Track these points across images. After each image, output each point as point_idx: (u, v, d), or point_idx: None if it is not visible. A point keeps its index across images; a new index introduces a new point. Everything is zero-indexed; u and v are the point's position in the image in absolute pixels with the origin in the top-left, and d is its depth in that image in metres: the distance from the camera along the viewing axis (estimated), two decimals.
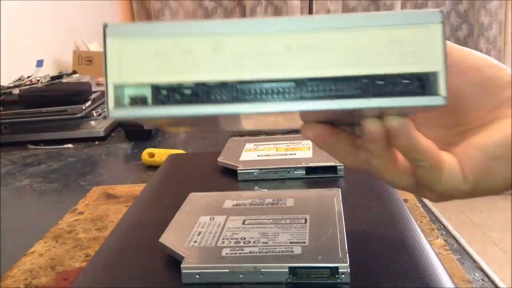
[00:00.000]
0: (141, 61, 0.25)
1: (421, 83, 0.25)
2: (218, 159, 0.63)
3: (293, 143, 0.67)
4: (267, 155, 0.63)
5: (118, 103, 0.25)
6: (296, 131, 0.90)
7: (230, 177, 0.60)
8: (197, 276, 0.37)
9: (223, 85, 0.25)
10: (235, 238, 0.40)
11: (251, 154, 0.64)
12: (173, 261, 0.39)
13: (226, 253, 0.38)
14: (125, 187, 0.71)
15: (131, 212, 0.53)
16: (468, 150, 0.30)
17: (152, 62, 0.25)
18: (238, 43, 0.25)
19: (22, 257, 0.51)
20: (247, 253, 0.38)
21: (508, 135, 0.29)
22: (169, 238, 0.41)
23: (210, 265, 0.37)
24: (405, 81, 0.24)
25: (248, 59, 0.25)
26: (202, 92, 0.25)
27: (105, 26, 0.25)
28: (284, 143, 0.67)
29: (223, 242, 0.40)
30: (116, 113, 0.25)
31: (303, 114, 0.29)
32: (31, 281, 0.46)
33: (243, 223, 0.43)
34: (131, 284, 0.38)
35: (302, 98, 0.25)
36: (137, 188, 0.68)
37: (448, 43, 0.27)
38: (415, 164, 0.29)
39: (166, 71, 0.25)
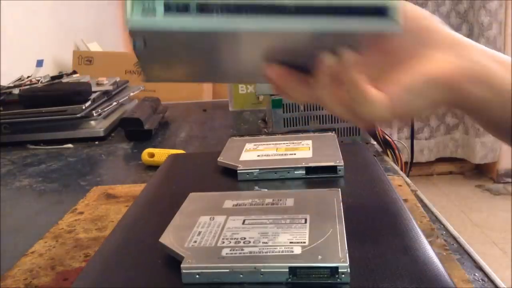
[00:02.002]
0: None
1: (381, 13, 0.32)
2: (218, 159, 0.63)
3: (293, 143, 0.67)
4: (267, 155, 0.63)
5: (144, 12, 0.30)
6: (296, 131, 0.90)
7: (230, 177, 0.60)
8: (197, 276, 0.37)
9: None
10: (235, 238, 0.40)
11: (251, 154, 0.64)
12: (173, 261, 0.39)
13: (226, 253, 0.38)
14: (125, 187, 0.71)
15: (131, 212, 0.53)
16: (395, 90, 0.36)
17: None
18: None
19: (22, 257, 0.51)
20: (247, 253, 0.38)
21: (430, 76, 0.36)
22: (169, 238, 0.41)
23: (210, 265, 0.37)
24: (369, 10, 0.32)
25: None
26: (207, 9, 0.30)
27: None
28: (284, 143, 0.67)
29: (223, 242, 0.40)
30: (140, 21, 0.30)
31: (271, 51, 0.35)
32: (31, 281, 0.46)
33: (243, 223, 0.43)
34: (131, 284, 0.38)
35: (289, 16, 0.31)
36: (137, 188, 0.68)
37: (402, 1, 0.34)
38: (351, 98, 0.36)
39: None
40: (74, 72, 1.31)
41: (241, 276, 0.36)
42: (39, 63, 1.26)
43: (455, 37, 0.38)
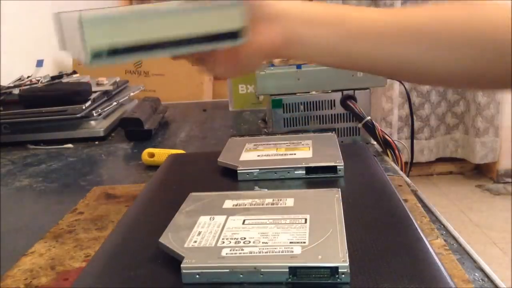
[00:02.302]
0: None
1: (233, 34, 0.45)
2: (218, 159, 0.63)
3: (293, 143, 0.67)
4: (267, 155, 0.63)
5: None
6: (296, 131, 0.90)
7: (230, 177, 0.60)
8: (197, 276, 0.37)
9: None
10: (235, 238, 0.40)
11: (251, 154, 0.64)
12: (173, 261, 0.39)
13: (226, 253, 0.38)
14: (125, 187, 0.71)
15: (131, 212, 0.53)
16: (240, 57, 0.49)
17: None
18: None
19: (22, 257, 0.51)
20: (247, 253, 0.38)
21: (258, 46, 0.48)
22: (169, 238, 0.41)
23: (210, 265, 0.37)
24: (225, 33, 0.45)
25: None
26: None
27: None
28: (284, 143, 0.67)
29: (223, 242, 0.40)
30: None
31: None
32: (31, 281, 0.46)
33: (243, 223, 0.43)
34: (131, 284, 0.38)
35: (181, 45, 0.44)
36: (137, 188, 0.68)
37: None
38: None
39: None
40: (74, 72, 1.31)
41: (241, 276, 0.36)
42: (39, 63, 1.27)
43: (279, 11, 0.48)
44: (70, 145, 1.02)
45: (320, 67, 0.89)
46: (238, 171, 0.59)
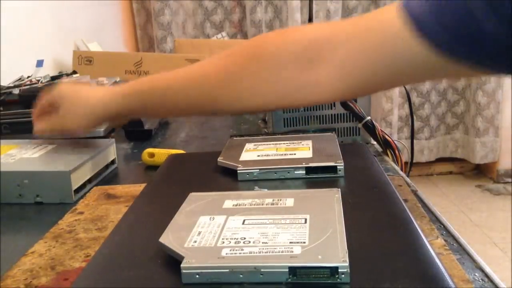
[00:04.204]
0: None
1: None
2: (218, 159, 0.63)
3: (293, 143, 0.67)
4: (267, 155, 0.63)
5: None
6: (296, 131, 0.90)
7: (230, 177, 0.60)
8: (197, 276, 0.37)
9: None
10: (235, 238, 0.40)
11: (251, 154, 0.64)
12: (173, 261, 0.39)
13: (226, 253, 0.38)
14: (125, 187, 0.71)
15: (131, 212, 0.53)
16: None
17: None
18: None
19: (22, 257, 0.51)
20: (247, 253, 0.38)
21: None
22: (169, 238, 0.41)
23: (210, 265, 0.37)
24: None
25: None
26: None
27: None
28: (284, 143, 0.67)
29: (223, 242, 0.40)
30: None
31: None
32: (31, 281, 0.46)
33: (243, 223, 0.43)
34: (131, 284, 0.38)
35: None
36: (137, 188, 0.68)
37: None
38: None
39: None
40: (74, 72, 1.31)
41: (241, 276, 0.36)
42: (39, 63, 1.26)
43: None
44: None
45: None
46: (238, 171, 0.59)
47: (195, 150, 0.93)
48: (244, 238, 0.40)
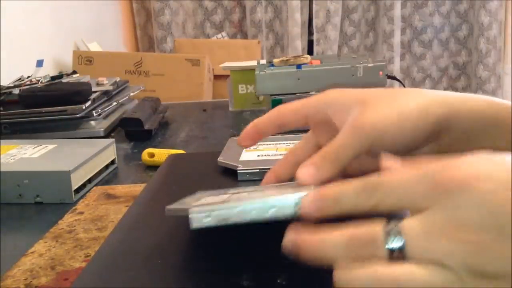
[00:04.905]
0: None
1: None
2: (218, 159, 0.63)
3: (293, 143, 0.67)
4: (267, 155, 0.63)
5: None
6: (296, 131, 0.90)
7: (230, 177, 0.60)
8: (207, 218, 0.35)
9: None
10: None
11: (251, 154, 0.64)
12: (173, 261, 0.39)
13: (233, 199, 0.38)
14: (125, 187, 0.71)
15: (131, 212, 0.53)
16: None
17: None
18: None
19: (22, 257, 0.51)
20: (254, 196, 0.37)
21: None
22: (177, 204, 0.41)
23: (219, 206, 0.36)
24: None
25: None
26: None
27: None
28: (284, 143, 0.67)
29: (229, 198, 0.39)
30: None
31: None
32: (31, 281, 0.46)
33: (248, 194, 0.42)
34: (131, 284, 0.38)
35: None
36: (137, 188, 0.68)
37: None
38: None
39: None
40: (74, 72, 1.31)
41: (253, 212, 0.35)
42: (39, 63, 1.26)
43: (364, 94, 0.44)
44: None
45: (319, 67, 0.89)
46: (238, 171, 0.59)
47: (195, 150, 0.93)
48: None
